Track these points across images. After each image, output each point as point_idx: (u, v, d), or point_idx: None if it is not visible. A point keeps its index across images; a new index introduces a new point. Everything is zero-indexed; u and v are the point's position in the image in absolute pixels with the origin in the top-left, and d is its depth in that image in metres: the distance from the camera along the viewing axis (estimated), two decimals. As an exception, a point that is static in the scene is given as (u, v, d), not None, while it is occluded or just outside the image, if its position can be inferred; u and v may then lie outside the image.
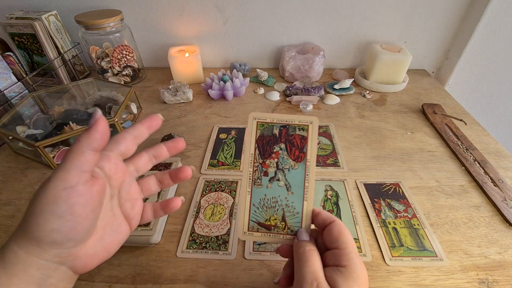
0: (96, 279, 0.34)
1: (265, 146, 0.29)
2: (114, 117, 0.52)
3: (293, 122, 0.29)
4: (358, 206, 0.43)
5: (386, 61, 0.69)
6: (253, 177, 0.29)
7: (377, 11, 0.73)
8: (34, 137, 0.51)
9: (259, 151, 0.29)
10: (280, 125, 0.29)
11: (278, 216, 0.28)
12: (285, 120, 0.29)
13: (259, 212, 0.28)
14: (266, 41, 0.80)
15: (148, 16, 0.76)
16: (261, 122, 0.29)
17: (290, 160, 0.29)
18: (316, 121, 0.29)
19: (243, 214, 0.29)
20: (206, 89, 0.69)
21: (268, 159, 0.29)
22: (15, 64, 0.64)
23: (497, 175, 0.47)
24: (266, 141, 0.29)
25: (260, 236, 0.28)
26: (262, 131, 0.29)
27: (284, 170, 0.28)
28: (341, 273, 0.23)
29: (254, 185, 0.29)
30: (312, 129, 0.29)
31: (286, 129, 0.29)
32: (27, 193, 0.46)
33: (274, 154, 0.29)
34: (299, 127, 0.29)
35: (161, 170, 0.46)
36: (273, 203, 0.28)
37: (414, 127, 0.60)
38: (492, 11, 0.67)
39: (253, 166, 0.29)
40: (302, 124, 0.29)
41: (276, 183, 0.29)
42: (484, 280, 0.34)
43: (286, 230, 0.28)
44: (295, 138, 0.29)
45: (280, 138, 0.29)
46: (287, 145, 0.29)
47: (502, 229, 0.40)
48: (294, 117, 0.29)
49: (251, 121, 0.29)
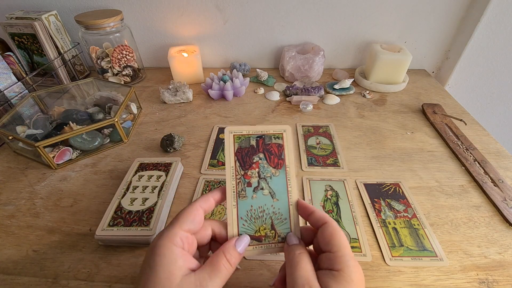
0: (96, 279, 0.34)
1: (245, 158, 0.29)
2: (114, 117, 0.52)
3: (268, 132, 0.30)
4: (358, 206, 0.43)
5: (386, 61, 0.69)
6: (237, 190, 0.29)
7: (377, 11, 0.73)
8: (34, 137, 0.51)
9: (239, 163, 0.29)
10: (256, 136, 0.30)
11: (267, 225, 0.28)
12: (260, 130, 0.30)
13: (248, 224, 0.28)
14: (266, 41, 0.80)
15: (148, 16, 0.76)
16: (238, 135, 0.30)
17: (270, 168, 0.29)
18: (289, 129, 0.30)
19: (232, 230, 0.28)
20: (206, 89, 0.69)
21: (249, 169, 0.29)
22: (15, 64, 0.64)
23: (497, 175, 0.47)
24: (245, 152, 0.30)
25: (252, 249, 0.28)
26: (239, 144, 0.30)
27: (266, 178, 0.29)
28: (334, 277, 0.22)
29: (239, 197, 0.29)
30: (287, 136, 0.30)
31: (263, 139, 0.30)
32: (27, 193, 0.46)
33: (255, 164, 0.29)
34: (275, 136, 0.30)
35: (161, 170, 0.46)
36: (260, 212, 0.28)
37: (414, 127, 0.60)
38: (492, 11, 0.67)
39: (236, 178, 0.29)
40: (277, 133, 0.30)
41: (260, 192, 0.29)
42: (484, 280, 0.34)
43: (277, 238, 0.28)
44: (272, 147, 0.30)
45: (258, 148, 0.30)
46: (266, 154, 0.30)
47: (502, 229, 0.40)
48: (268, 127, 0.30)
49: (227, 135, 0.30)
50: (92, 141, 0.53)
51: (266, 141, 0.30)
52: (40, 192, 0.46)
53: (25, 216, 0.42)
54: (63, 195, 0.45)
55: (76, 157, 0.52)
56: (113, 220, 0.38)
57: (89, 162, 0.52)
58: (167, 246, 0.23)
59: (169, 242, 0.23)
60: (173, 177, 0.45)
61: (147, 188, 0.43)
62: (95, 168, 0.50)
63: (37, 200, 0.45)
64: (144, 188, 0.43)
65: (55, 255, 0.37)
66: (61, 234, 0.40)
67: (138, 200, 0.41)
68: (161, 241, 0.23)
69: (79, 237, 0.39)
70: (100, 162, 0.52)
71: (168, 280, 0.22)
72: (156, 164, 0.47)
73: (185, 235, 0.25)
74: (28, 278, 0.34)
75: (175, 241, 0.24)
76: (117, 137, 0.55)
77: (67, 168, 0.50)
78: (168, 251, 0.23)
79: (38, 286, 0.34)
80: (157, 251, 0.23)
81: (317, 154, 0.53)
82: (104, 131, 0.55)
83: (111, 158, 0.52)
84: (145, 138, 0.57)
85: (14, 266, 0.36)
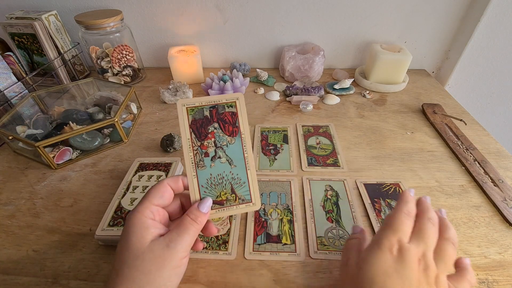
0: (96, 279, 0.34)
1: (200, 129, 0.30)
2: (114, 117, 0.52)
3: (220, 101, 0.30)
4: (358, 206, 0.43)
5: (386, 61, 0.69)
6: (195, 160, 0.30)
7: (377, 11, 0.73)
8: (34, 137, 0.51)
9: (195, 135, 0.30)
10: (209, 107, 0.30)
11: (227, 190, 0.30)
12: (213, 101, 0.30)
13: (209, 191, 0.30)
14: (266, 41, 0.80)
15: (148, 16, 0.76)
16: (191, 107, 0.30)
17: (226, 136, 0.30)
18: (241, 96, 0.31)
19: (194, 197, 0.30)
20: (206, 89, 0.69)
21: (205, 140, 0.30)
22: (15, 64, 0.64)
23: (497, 175, 0.47)
24: (200, 124, 0.30)
25: (215, 212, 0.30)
26: (193, 116, 0.30)
27: (222, 147, 0.30)
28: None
29: (198, 167, 0.30)
30: (240, 104, 0.30)
31: (216, 109, 0.30)
32: (27, 193, 0.46)
33: (210, 134, 0.30)
34: (228, 105, 0.30)
35: (161, 170, 0.46)
36: (220, 179, 0.30)
37: (414, 127, 0.60)
38: (492, 11, 0.67)
39: (193, 150, 0.30)
40: (230, 101, 0.30)
41: (218, 161, 0.30)
42: (484, 280, 0.34)
43: (238, 200, 0.30)
44: (225, 115, 0.30)
45: (212, 119, 0.30)
46: (220, 124, 0.30)
47: (502, 229, 0.40)
48: (221, 97, 0.30)
49: (180, 108, 0.30)
50: (92, 141, 0.53)
51: (219, 110, 0.30)
52: (40, 192, 0.46)
53: (25, 216, 0.42)
54: (63, 195, 0.45)
55: (76, 157, 0.52)
56: (113, 220, 0.38)
57: (89, 162, 0.52)
58: (137, 217, 0.26)
59: (140, 214, 0.26)
60: (173, 177, 0.45)
61: (147, 188, 0.43)
62: (95, 168, 0.50)
63: (37, 200, 0.45)
64: (144, 188, 0.43)
65: (55, 255, 0.37)
66: (61, 234, 0.40)
67: (138, 200, 0.40)
68: (133, 214, 0.27)
69: (79, 237, 0.39)
70: (100, 162, 0.52)
71: (139, 243, 0.25)
72: (156, 164, 0.47)
73: (156, 208, 0.28)
74: (28, 278, 0.34)
75: (145, 213, 0.27)
76: (117, 137, 0.55)
77: (67, 168, 0.50)
78: (138, 221, 0.26)
79: (38, 286, 0.34)
80: (129, 222, 0.26)
81: (317, 154, 0.53)
82: (104, 131, 0.55)
83: (111, 158, 0.52)
84: (145, 138, 0.57)
85: (14, 266, 0.36)
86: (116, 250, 0.26)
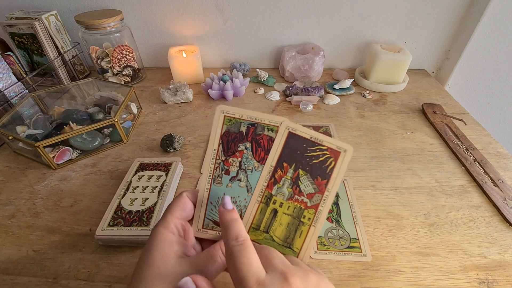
0: (96, 279, 0.34)
1: (230, 143, 0.27)
2: (114, 117, 0.52)
3: (262, 121, 0.27)
4: (358, 206, 0.43)
5: (386, 61, 0.69)
6: (214, 174, 0.27)
7: (377, 11, 0.73)
8: (34, 137, 0.51)
9: (222, 148, 0.27)
10: (248, 123, 0.27)
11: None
12: (255, 118, 0.27)
13: (216, 211, 0.27)
14: (266, 41, 0.80)
15: (148, 16, 0.76)
16: (229, 117, 0.27)
17: (254, 161, 0.27)
18: (286, 121, 0.26)
19: (199, 211, 0.27)
20: (206, 89, 0.69)
21: (231, 157, 0.27)
22: (15, 64, 0.64)
23: (497, 175, 0.47)
24: (232, 138, 0.27)
25: (214, 234, 0.27)
26: (228, 127, 0.27)
27: (246, 170, 0.27)
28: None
29: (213, 182, 0.27)
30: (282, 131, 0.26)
31: (255, 127, 0.27)
32: (27, 193, 0.46)
33: (238, 152, 0.27)
34: (268, 127, 0.27)
35: (161, 170, 0.46)
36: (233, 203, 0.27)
37: (414, 127, 0.60)
38: (492, 11, 0.67)
39: (215, 162, 0.27)
40: (272, 124, 0.26)
41: (237, 183, 0.27)
42: (484, 280, 0.34)
43: None
44: (262, 138, 0.27)
45: (246, 137, 0.27)
46: (254, 145, 0.27)
47: (502, 229, 0.40)
48: (264, 116, 0.27)
49: (218, 114, 0.27)
50: (92, 141, 0.53)
51: (257, 130, 0.27)
52: (40, 192, 0.46)
53: (25, 216, 0.42)
54: (63, 195, 0.45)
55: (76, 157, 0.52)
56: (113, 220, 0.38)
57: (89, 162, 0.52)
58: (161, 232, 0.24)
59: (164, 228, 0.25)
60: (173, 177, 0.45)
61: (147, 188, 0.43)
62: (95, 168, 0.50)
63: (37, 200, 0.45)
64: (144, 188, 0.43)
65: (55, 255, 0.37)
66: (61, 234, 0.40)
67: (138, 200, 0.41)
68: (157, 228, 0.25)
69: (79, 237, 0.39)
70: (100, 162, 0.52)
71: (163, 261, 0.23)
72: (156, 164, 0.47)
73: (179, 222, 0.26)
74: (28, 278, 0.34)
75: (169, 227, 0.25)
76: (117, 137, 0.55)
77: (67, 168, 0.50)
78: (163, 236, 0.24)
79: (38, 286, 0.34)
80: (153, 236, 0.24)
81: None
82: (104, 131, 0.55)
83: (111, 158, 0.52)
84: (145, 138, 0.57)
85: (14, 266, 0.36)
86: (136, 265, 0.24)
